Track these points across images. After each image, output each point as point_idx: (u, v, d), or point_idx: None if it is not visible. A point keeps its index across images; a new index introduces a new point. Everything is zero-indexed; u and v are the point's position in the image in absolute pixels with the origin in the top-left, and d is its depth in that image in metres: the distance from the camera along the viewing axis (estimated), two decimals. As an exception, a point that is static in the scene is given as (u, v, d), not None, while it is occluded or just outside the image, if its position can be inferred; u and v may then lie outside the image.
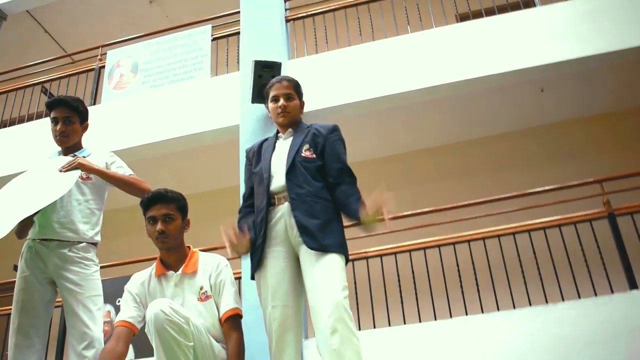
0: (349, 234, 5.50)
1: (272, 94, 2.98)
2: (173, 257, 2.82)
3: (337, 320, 2.40)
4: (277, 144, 2.94)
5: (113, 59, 7.22)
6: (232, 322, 2.66)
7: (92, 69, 7.40)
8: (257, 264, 2.70)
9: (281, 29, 6.61)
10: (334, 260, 2.59)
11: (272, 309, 2.60)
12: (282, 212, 2.71)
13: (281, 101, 2.94)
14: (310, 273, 2.58)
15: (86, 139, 6.45)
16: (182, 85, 6.73)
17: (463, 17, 7.03)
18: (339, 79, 6.20)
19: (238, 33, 6.83)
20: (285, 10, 6.85)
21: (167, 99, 6.65)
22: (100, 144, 6.54)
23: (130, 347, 5.18)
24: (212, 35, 6.97)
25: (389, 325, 5.31)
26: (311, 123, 3.08)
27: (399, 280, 5.39)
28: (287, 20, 6.79)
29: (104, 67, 7.24)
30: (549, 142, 7.07)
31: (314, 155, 2.81)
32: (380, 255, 5.50)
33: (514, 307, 5.11)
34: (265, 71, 5.85)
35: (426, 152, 7.40)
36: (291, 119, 2.96)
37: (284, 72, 6.33)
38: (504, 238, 5.32)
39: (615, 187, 5.42)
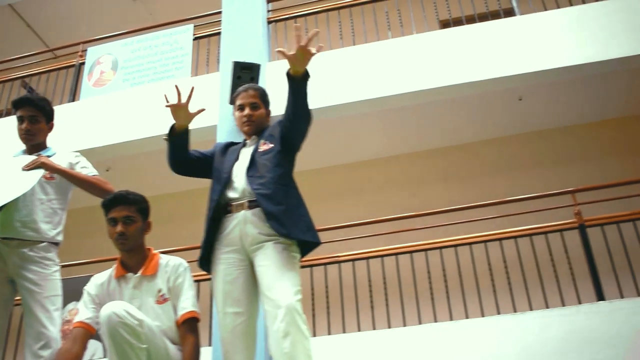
0: (324, 237, 5.54)
1: (238, 102, 3.02)
2: (133, 259, 2.82)
3: (289, 323, 2.43)
4: (242, 151, 2.96)
5: (93, 55, 7.19)
6: (189, 326, 2.67)
7: (73, 65, 7.37)
8: (211, 269, 2.77)
9: (263, 30, 6.60)
10: (289, 263, 2.62)
11: (223, 315, 2.65)
12: (238, 220, 2.72)
13: (246, 110, 2.97)
14: (264, 278, 2.60)
15: (65, 135, 6.52)
16: (162, 84, 6.71)
17: (444, 24, 7.08)
18: (317, 82, 6.19)
19: (220, 33, 6.82)
20: (268, 11, 6.85)
21: (146, 98, 6.63)
22: (79, 140, 6.60)
23: (100, 345, 5.20)
24: (193, 35, 6.96)
25: (359, 330, 5.33)
26: None
27: (370, 285, 5.41)
28: (269, 22, 6.79)
29: (84, 63, 7.21)
30: (524, 151, 7.12)
31: (272, 144, 2.85)
32: (353, 260, 5.53)
33: (483, 315, 5.16)
34: (244, 72, 5.84)
35: (397, 159, 7.41)
36: (256, 127, 2.99)
37: (264, 73, 6.34)
38: (475, 246, 5.36)
39: (587, 198, 5.47)
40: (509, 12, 6.50)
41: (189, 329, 2.66)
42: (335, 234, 5.82)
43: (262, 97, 3.04)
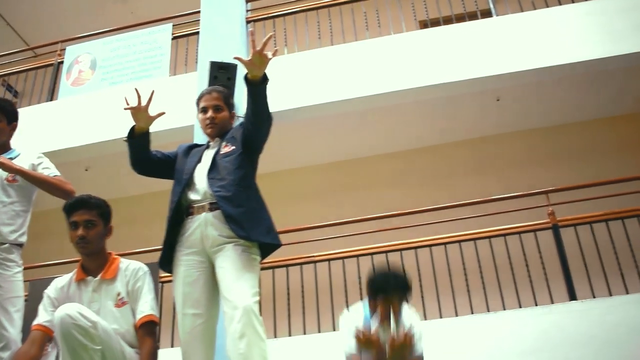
0: (298, 237, 5.56)
1: (201, 104, 3.03)
2: (93, 262, 2.82)
3: (246, 325, 2.46)
4: (204, 153, 2.97)
5: (72, 54, 7.16)
6: (146, 329, 2.67)
7: (52, 64, 7.34)
8: (171, 270, 2.79)
9: (241, 30, 6.60)
10: (248, 265, 2.64)
11: (182, 316, 2.66)
12: (199, 222, 2.73)
13: (209, 113, 2.98)
14: (223, 279, 2.62)
15: (43, 134, 6.49)
16: (140, 83, 6.68)
17: (422, 25, 7.10)
18: (295, 82, 6.21)
19: (199, 32, 6.81)
20: (247, 11, 6.85)
21: (123, 97, 6.60)
22: (57, 140, 6.58)
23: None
24: (172, 34, 6.95)
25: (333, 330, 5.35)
26: None
27: (345, 286, 5.43)
28: (248, 22, 6.78)
29: (63, 62, 7.19)
30: (501, 152, 7.16)
31: (234, 147, 2.86)
32: (329, 260, 5.55)
33: (457, 315, 5.19)
34: (221, 72, 5.84)
35: (374, 160, 7.43)
36: (219, 130, 3.00)
37: (241, 74, 6.34)
38: (450, 246, 5.38)
39: (561, 199, 5.51)
40: (487, 14, 6.52)
41: (147, 332, 2.66)
42: (311, 233, 5.86)
43: (226, 100, 3.04)
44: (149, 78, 6.70)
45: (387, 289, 3.19)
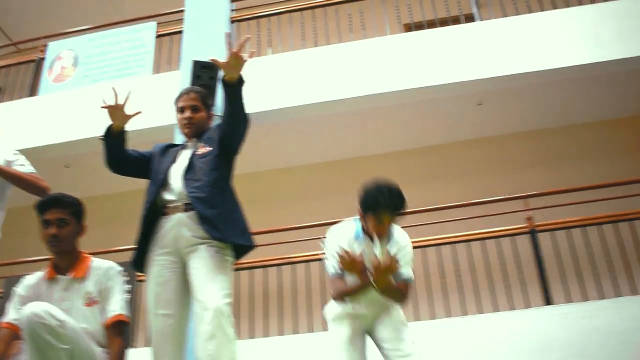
0: (273, 239, 5.55)
1: (179, 104, 3.04)
2: (65, 261, 2.81)
3: (216, 326, 2.46)
4: (180, 153, 2.97)
5: (55, 50, 7.12)
6: (116, 329, 2.67)
7: (34, 60, 7.29)
8: (144, 270, 2.78)
9: (226, 29, 6.59)
10: (221, 267, 2.64)
11: (153, 317, 2.67)
12: (173, 222, 2.74)
13: (187, 113, 2.98)
14: (195, 280, 2.62)
15: (23, 130, 6.45)
16: (122, 81, 6.65)
17: (406, 28, 7.12)
18: (278, 83, 6.22)
19: (183, 31, 6.80)
20: (232, 11, 6.84)
21: (107, 95, 6.57)
22: (38, 136, 6.54)
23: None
24: (156, 33, 6.92)
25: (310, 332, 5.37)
26: None
27: (323, 288, 5.44)
28: (233, 22, 6.78)
29: (44, 58, 7.14)
30: (481, 155, 7.19)
31: (210, 148, 2.87)
32: (307, 261, 5.56)
33: (434, 318, 5.22)
34: (204, 72, 5.84)
35: (355, 162, 7.44)
36: (196, 130, 3.00)
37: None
38: (429, 249, 5.41)
39: (540, 204, 5.55)
40: (470, 18, 6.56)
41: (116, 332, 2.65)
42: (292, 234, 5.86)
43: (204, 100, 3.04)
44: (132, 76, 6.68)
45: (378, 205, 2.92)
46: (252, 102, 6.12)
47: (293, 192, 7.33)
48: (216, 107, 5.95)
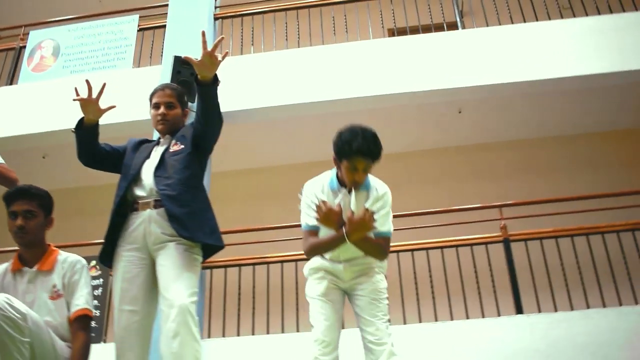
0: (248, 238, 5.52)
1: (153, 100, 3.02)
2: (31, 253, 2.77)
3: (180, 324, 2.45)
4: (154, 150, 2.95)
5: (35, 39, 7.04)
6: (80, 323, 2.64)
7: (14, 48, 7.20)
8: (112, 265, 2.77)
9: (209, 26, 6.57)
10: (189, 265, 2.63)
11: (118, 312, 2.64)
12: (143, 218, 2.72)
13: (161, 109, 2.96)
14: (162, 277, 2.61)
15: (1, 119, 6.35)
16: (102, 73, 6.60)
17: (390, 33, 7.14)
18: (259, 82, 6.20)
19: (166, 26, 6.75)
20: (216, 7, 6.82)
21: (79, 87, 6.50)
22: (15, 125, 6.46)
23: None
24: (139, 26, 6.87)
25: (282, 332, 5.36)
26: None
27: (296, 288, 5.43)
28: (216, 19, 6.75)
29: (25, 47, 7.05)
30: (459, 163, 7.24)
31: (183, 146, 2.85)
32: (282, 262, 5.55)
33: (405, 323, 5.22)
34: (185, 67, 5.79)
35: (331, 165, 7.45)
36: (170, 127, 2.98)
37: (207, 70, 6.31)
38: (402, 254, 5.41)
39: (514, 213, 5.59)
40: (453, 26, 6.59)
41: (80, 326, 2.63)
42: (269, 234, 5.86)
43: (179, 97, 3.02)
44: (112, 69, 6.62)
45: (351, 150, 2.70)
46: (230, 100, 6.17)
47: (269, 192, 7.30)
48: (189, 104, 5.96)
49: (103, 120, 6.37)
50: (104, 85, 2.84)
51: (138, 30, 6.85)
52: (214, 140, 2.90)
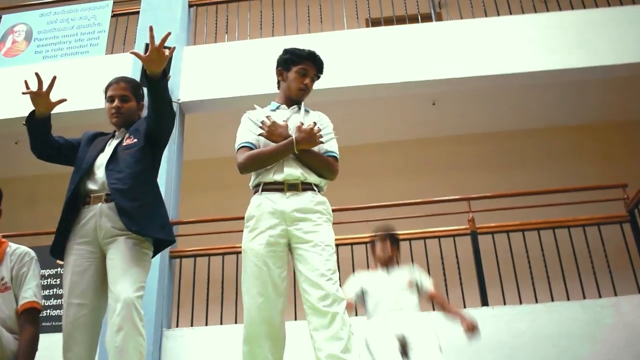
0: (218, 227, 5.50)
1: (108, 93, 3.00)
2: None
3: (125, 318, 2.46)
4: (108, 143, 2.95)
5: (7, 23, 6.95)
6: (28, 316, 2.63)
7: (-14, 32, 7.11)
8: (63, 258, 2.75)
9: (183, 13, 6.53)
10: (137, 259, 2.64)
11: (67, 305, 2.64)
12: (95, 212, 2.71)
13: (116, 102, 2.95)
14: (110, 271, 2.61)
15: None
16: (75, 60, 6.55)
17: (365, 24, 7.13)
18: (232, 71, 6.18)
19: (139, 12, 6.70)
20: (191, -5, 6.77)
21: (57, 72, 6.43)
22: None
23: None
24: (112, 12, 6.81)
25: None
26: None
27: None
28: (191, 6, 6.71)
29: (-3, 31, 6.97)
30: (432, 155, 7.27)
31: (136, 140, 2.84)
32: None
33: (371, 314, 5.25)
34: (156, 56, 5.76)
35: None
36: (125, 120, 2.97)
37: (181, 58, 6.28)
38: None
39: (482, 207, 5.63)
40: (428, 18, 6.60)
41: (28, 319, 2.62)
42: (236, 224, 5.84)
43: (134, 90, 3.00)
44: (85, 55, 6.56)
45: (302, 55, 2.83)
46: (202, 89, 6.15)
47: (239, 181, 7.26)
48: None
49: (74, 107, 6.35)
50: (54, 78, 2.83)
51: (112, 16, 6.78)
52: (167, 134, 2.89)
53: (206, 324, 5.41)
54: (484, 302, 5.12)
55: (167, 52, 2.58)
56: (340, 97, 6.13)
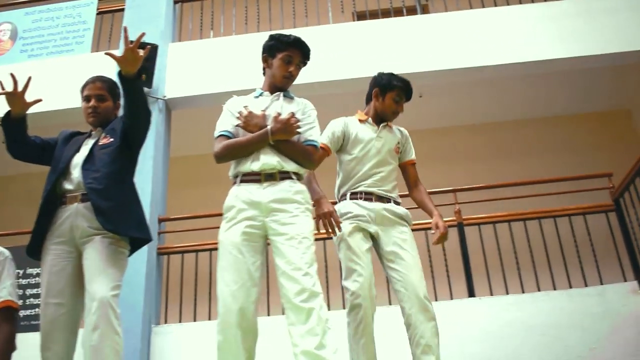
0: (206, 224, 5.51)
1: (84, 93, 3.03)
2: None
3: (100, 317, 2.48)
4: (84, 143, 2.97)
5: (-6, 22, 6.94)
6: (3, 314, 2.66)
7: (-29, 31, 7.09)
8: (40, 258, 2.77)
9: (168, 10, 6.52)
10: (113, 259, 2.66)
11: (44, 305, 2.66)
12: (71, 212, 2.75)
13: (92, 102, 2.97)
14: (87, 271, 2.63)
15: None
16: (60, 58, 6.54)
17: (351, 18, 7.12)
18: (217, 67, 6.18)
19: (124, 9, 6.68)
20: (176, -9, 6.76)
21: (43, 71, 6.45)
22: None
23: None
24: (98, 9, 6.79)
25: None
26: None
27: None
28: (176, 2, 6.70)
29: (-18, 30, 6.96)
30: (417, 147, 7.25)
31: (112, 139, 2.87)
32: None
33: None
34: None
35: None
36: (101, 120, 3.00)
37: (167, 54, 6.27)
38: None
39: (469, 198, 5.64)
40: (414, 10, 6.60)
41: (4, 317, 2.64)
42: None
43: (110, 90, 3.02)
44: (70, 53, 6.55)
45: (288, 42, 2.84)
46: (189, 85, 6.14)
47: (227, 177, 7.29)
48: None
49: (59, 105, 6.34)
50: (29, 79, 2.84)
51: (97, 14, 6.77)
52: (143, 133, 2.92)
53: (194, 320, 5.43)
54: (471, 293, 5.15)
55: (141, 52, 2.59)
56: (326, 91, 6.13)
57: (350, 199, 3.25)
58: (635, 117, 7.67)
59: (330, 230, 2.89)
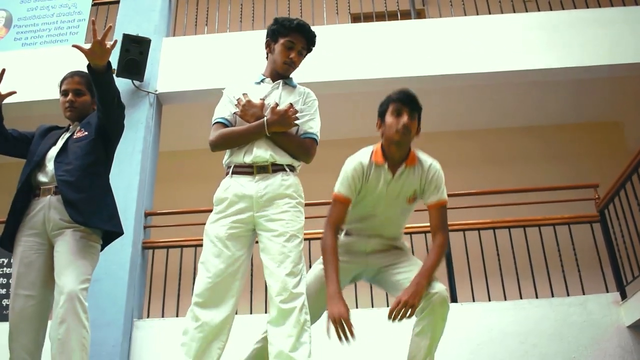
0: (191, 219, 5.51)
1: (62, 87, 3.05)
2: None
3: (68, 310, 2.49)
4: (61, 136, 2.99)
5: (-13, 10, 6.93)
6: None
7: (-35, 18, 7.07)
8: (11, 249, 2.79)
9: (163, 4, 6.52)
10: (84, 252, 2.67)
11: (14, 296, 2.68)
12: (44, 204, 2.76)
13: (69, 96, 3.00)
14: (57, 264, 2.65)
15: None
16: (54, 48, 6.53)
17: (347, 20, 7.14)
18: (209, 64, 6.19)
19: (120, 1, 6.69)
20: (171, -15, 6.76)
21: (36, 60, 6.44)
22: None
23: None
24: (93, 1, 6.79)
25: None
26: None
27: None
28: (172, -4, 6.71)
29: (-23, 17, 6.94)
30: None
31: (87, 132, 2.89)
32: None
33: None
34: (134, 46, 5.77)
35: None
36: (79, 114, 3.02)
37: (160, 49, 6.27)
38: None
39: (452, 204, 5.64)
40: (408, 15, 6.62)
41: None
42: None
43: (88, 84, 3.03)
44: (64, 43, 6.55)
45: (291, 26, 2.73)
46: (181, 81, 6.14)
47: (214, 173, 7.28)
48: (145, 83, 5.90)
49: (50, 95, 6.32)
50: (3, 70, 2.84)
51: (92, 5, 6.77)
52: (117, 126, 2.94)
53: (177, 315, 5.43)
54: (453, 299, 5.16)
55: (109, 44, 2.60)
56: (318, 92, 6.07)
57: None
58: (627, 130, 7.70)
59: (342, 336, 2.56)
